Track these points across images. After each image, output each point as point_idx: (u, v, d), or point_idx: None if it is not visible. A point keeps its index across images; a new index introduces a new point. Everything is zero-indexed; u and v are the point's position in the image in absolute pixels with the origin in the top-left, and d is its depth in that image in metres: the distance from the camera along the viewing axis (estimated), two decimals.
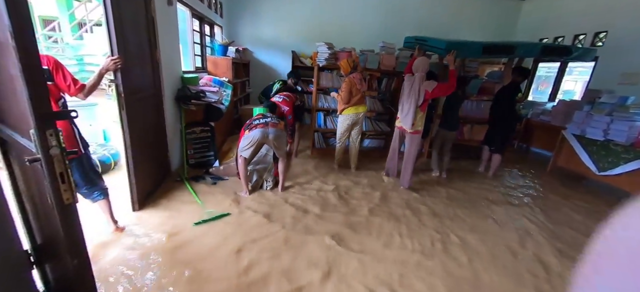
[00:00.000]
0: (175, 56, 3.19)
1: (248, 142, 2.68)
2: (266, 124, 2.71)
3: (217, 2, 4.85)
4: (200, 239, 2.11)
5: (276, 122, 2.77)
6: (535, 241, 2.44)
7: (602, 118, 3.58)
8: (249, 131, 2.70)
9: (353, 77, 3.30)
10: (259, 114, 2.92)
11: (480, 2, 6.19)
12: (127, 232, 2.12)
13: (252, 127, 2.70)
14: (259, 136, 2.64)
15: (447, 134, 3.59)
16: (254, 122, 2.75)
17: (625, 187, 3.36)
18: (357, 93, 3.31)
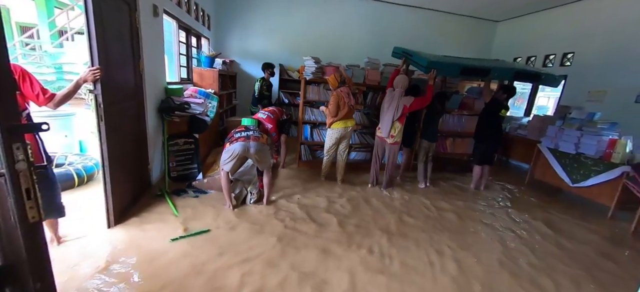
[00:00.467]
0: (159, 67, 3.15)
1: (229, 155, 2.62)
2: (247, 138, 2.65)
3: (204, 14, 4.86)
4: (178, 257, 2.01)
5: (258, 136, 2.72)
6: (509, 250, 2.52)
7: (572, 132, 3.79)
8: (229, 144, 2.65)
9: (340, 91, 3.35)
10: (241, 126, 2.87)
11: (460, 21, 6.53)
12: (99, 251, 2.00)
13: (232, 140, 2.66)
14: (239, 150, 2.59)
15: (428, 145, 3.81)
16: (235, 135, 2.70)
17: (596, 199, 3.53)
18: (344, 107, 3.35)
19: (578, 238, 2.86)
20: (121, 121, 2.38)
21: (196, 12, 4.41)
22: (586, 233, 3.00)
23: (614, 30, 4.44)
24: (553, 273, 2.23)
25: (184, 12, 3.89)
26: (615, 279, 2.24)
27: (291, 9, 5.86)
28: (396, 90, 3.32)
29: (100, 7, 1.96)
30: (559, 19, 5.33)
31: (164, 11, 3.21)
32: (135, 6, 2.50)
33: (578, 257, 2.50)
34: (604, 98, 4.51)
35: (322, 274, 1.99)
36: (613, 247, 2.75)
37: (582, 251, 2.61)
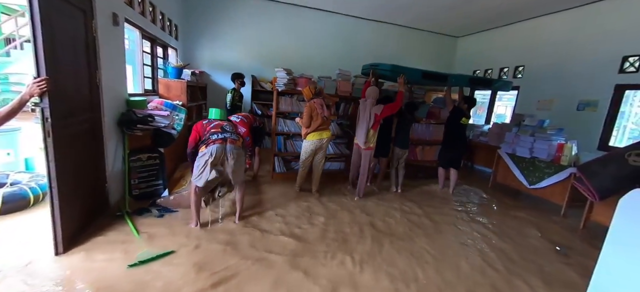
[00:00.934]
0: (120, 78, 2.96)
1: (203, 162, 2.35)
2: (225, 140, 2.47)
3: (172, 24, 4.70)
4: (135, 286, 1.82)
5: (235, 139, 2.57)
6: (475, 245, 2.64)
7: (527, 138, 4.12)
8: (205, 147, 2.41)
9: (314, 102, 3.37)
10: (216, 124, 2.61)
11: (424, 37, 6.95)
12: (43, 282, 1.78)
13: (209, 142, 2.42)
14: (216, 154, 2.37)
15: (401, 152, 4.00)
16: (211, 136, 2.46)
17: (550, 199, 3.84)
18: (317, 118, 3.37)
19: (534, 235, 3.08)
20: (73, 136, 2.18)
21: (162, 21, 4.25)
22: (541, 230, 3.23)
23: (557, 46, 4.97)
24: (511, 268, 2.37)
25: (149, 21, 3.73)
26: (565, 270, 2.42)
27: (261, 20, 5.87)
28: (368, 100, 3.52)
29: (49, 13, 1.81)
30: (510, 36, 5.86)
31: (126, 20, 3.05)
32: (92, 14, 2.35)
33: (533, 253, 2.68)
34: (552, 106, 4.99)
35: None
36: (565, 242, 2.99)
37: (536, 247, 2.81)
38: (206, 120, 2.71)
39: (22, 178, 2.92)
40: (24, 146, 3.56)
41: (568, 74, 4.76)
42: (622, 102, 4.19)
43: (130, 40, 4.11)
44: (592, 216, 3.28)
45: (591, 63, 4.43)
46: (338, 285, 2.01)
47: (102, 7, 2.51)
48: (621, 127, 4.74)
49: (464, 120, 3.97)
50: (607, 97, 4.22)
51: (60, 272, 1.88)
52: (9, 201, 2.55)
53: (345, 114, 4.43)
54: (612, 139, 4.33)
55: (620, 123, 4.45)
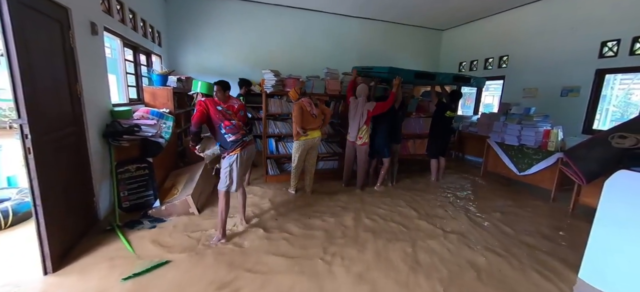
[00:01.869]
0: (102, 89, 2.87)
1: (229, 170, 2.41)
2: (246, 144, 2.48)
3: (154, 31, 4.60)
4: None
5: (251, 139, 2.59)
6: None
7: (514, 126, 4.20)
8: (239, 149, 2.40)
9: (302, 101, 3.37)
10: (235, 125, 2.45)
11: (410, 31, 7.00)
12: None
13: (244, 145, 2.45)
14: (244, 159, 2.46)
15: (394, 146, 4.07)
16: (244, 138, 2.46)
17: (540, 184, 3.93)
18: (308, 115, 3.37)
19: (526, 220, 3.14)
20: (57, 152, 2.11)
21: (144, 28, 4.15)
22: (532, 215, 3.30)
23: (538, 35, 5.08)
24: (505, 251, 2.41)
25: (129, 29, 3.64)
26: (557, 251, 2.48)
27: (245, 22, 5.79)
28: (359, 98, 3.63)
29: (22, 25, 1.74)
30: (493, 27, 5.96)
31: (105, 29, 2.97)
32: (69, 24, 2.27)
33: (526, 236, 2.74)
34: (537, 94, 5.10)
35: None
36: (556, 224, 3.07)
37: (529, 231, 2.87)
38: (213, 102, 2.46)
39: (9, 194, 2.83)
40: (5, 164, 3.43)
41: (551, 62, 4.87)
42: (603, 86, 4.32)
43: (111, 49, 4.00)
44: (580, 198, 3.37)
45: (572, 50, 4.54)
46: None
47: (79, 16, 2.43)
48: (604, 111, 4.89)
49: (448, 114, 4.12)
50: (588, 82, 4.34)
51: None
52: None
53: (336, 112, 4.42)
54: (596, 123, 4.46)
55: (603, 106, 4.59)
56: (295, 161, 3.54)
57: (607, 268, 2.03)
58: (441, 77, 4.15)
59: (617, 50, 4.03)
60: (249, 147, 2.54)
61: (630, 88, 5.33)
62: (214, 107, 2.41)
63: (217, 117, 2.41)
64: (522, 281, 2.11)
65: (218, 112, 2.41)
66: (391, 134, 3.99)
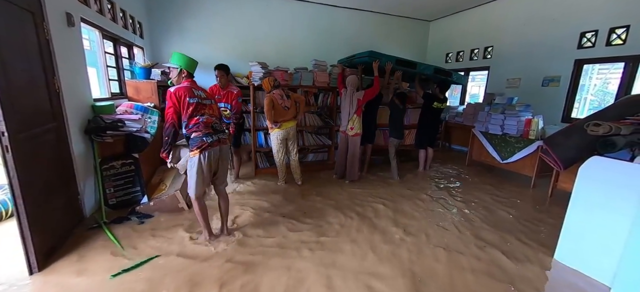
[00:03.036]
0: (82, 83, 2.77)
1: (196, 171, 2.13)
2: (219, 141, 2.23)
3: (134, 21, 4.43)
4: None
5: (227, 137, 2.37)
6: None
7: (498, 116, 4.33)
8: (198, 151, 2.11)
9: (273, 94, 3.41)
10: (206, 120, 2.18)
11: (398, 22, 7.01)
12: None
13: (203, 146, 2.11)
14: (211, 159, 2.18)
15: (397, 142, 4.12)
16: (205, 138, 2.13)
17: (521, 171, 4.09)
18: (279, 108, 3.40)
19: (507, 206, 3.28)
20: (36, 149, 2.04)
21: (124, 19, 3.99)
22: (513, 201, 3.45)
23: (520, 26, 5.19)
24: (486, 235, 2.52)
25: (109, 20, 3.49)
26: (536, 235, 2.61)
27: (232, 12, 5.64)
28: (349, 89, 3.68)
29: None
30: (478, 18, 6.04)
31: (82, 20, 2.84)
32: (42, 15, 2.17)
33: (507, 221, 2.87)
34: (519, 84, 5.25)
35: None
36: (535, 209, 3.22)
37: (509, 216, 3.00)
38: (185, 90, 2.13)
39: None
40: None
41: (533, 52, 5.00)
42: (581, 76, 4.48)
43: (90, 41, 3.84)
44: (558, 184, 3.53)
45: (552, 41, 4.67)
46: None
47: (54, 7, 2.32)
48: (582, 100, 5.09)
49: (436, 105, 4.20)
50: (568, 72, 4.49)
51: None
52: None
53: (324, 104, 4.43)
54: (575, 111, 4.64)
55: (581, 96, 4.77)
56: (275, 153, 3.60)
57: (581, 248, 2.16)
58: (422, 67, 4.17)
59: (595, 41, 4.18)
60: (215, 149, 2.21)
61: (607, 78, 5.55)
62: (186, 100, 2.10)
63: (187, 111, 2.12)
64: (501, 264, 2.22)
65: (190, 105, 2.11)
66: (393, 129, 4.10)
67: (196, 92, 2.18)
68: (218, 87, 3.47)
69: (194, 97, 2.15)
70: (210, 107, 2.27)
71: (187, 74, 2.23)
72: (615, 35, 3.97)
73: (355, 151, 3.80)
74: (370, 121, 4.04)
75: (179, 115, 2.13)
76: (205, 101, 2.22)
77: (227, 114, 3.47)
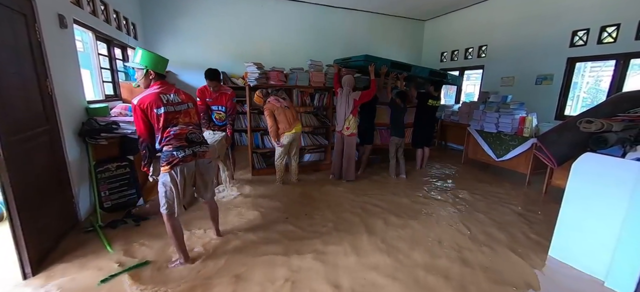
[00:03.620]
0: (75, 85, 2.74)
1: (168, 189, 1.85)
2: (194, 156, 1.94)
3: (128, 23, 4.40)
4: None
5: (206, 150, 2.06)
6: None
7: (492, 114, 4.37)
8: (168, 167, 1.83)
9: (269, 102, 3.44)
10: (179, 130, 1.87)
11: (393, 22, 7.04)
12: None
13: (173, 161, 1.83)
14: (185, 176, 1.90)
15: (398, 140, 4.11)
16: (175, 153, 1.84)
17: (516, 169, 4.13)
18: (281, 112, 3.39)
19: (502, 203, 3.31)
20: (30, 152, 2.02)
21: (118, 21, 3.96)
22: (508, 198, 3.48)
23: (513, 24, 5.24)
24: (480, 233, 2.55)
25: (102, 21, 3.46)
26: (530, 231, 2.64)
27: (227, 13, 5.63)
28: (345, 89, 3.69)
29: None
30: (473, 17, 6.09)
31: (75, 21, 2.81)
32: (34, 17, 2.14)
33: (502, 218, 2.90)
34: (513, 82, 5.30)
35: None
36: (530, 206, 3.25)
37: (504, 213, 3.03)
38: (151, 100, 1.79)
39: None
40: None
41: (526, 51, 5.05)
42: (574, 74, 4.54)
43: (83, 42, 3.81)
44: (552, 181, 3.57)
45: (545, 39, 4.73)
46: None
47: (46, 9, 2.29)
48: (575, 97, 5.16)
49: (430, 102, 4.25)
50: (560, 70, 4.55)
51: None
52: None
53: (320, 104, 4.43)
54: (568, 109, 4.70)
55: (574, 93, 4.83)
56: (278, 155, 3.62)
57: (575, 244, 2.19)
58: (417, 70, 4.23)
59: (586, 39, 4.23)
60: (190, 164, 1.91)
61: (599, 75, 5.63)
62: (153, 112, 1.80)
63: (158, 124, 1.83)
64: (496, 261, 2.24)
65: (159, 117, 1.81)
66: (394, 128, 4.11)
67: (166, 98, 1.84)
68: (208, 90, 3.34)
69: (163, 105, 1.81)
70: (186, 114, 1.93)
71: (155, 75, 1.88)
72: (606, 34, 4.03)
73: (352, 151, 3.82)
74: (368, 122, 4.11)
75: (151, 127, 1.85)
76: (179, 107, 1.88)
77: (222, 116, 3.42)
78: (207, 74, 3.22)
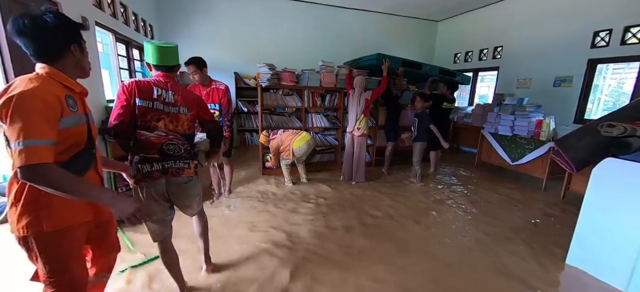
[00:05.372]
0: (96, 85, 2.85)
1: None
2: (166, 172, 1.50)
3: (146, 25, 4.54)
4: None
5: (183, 167, 1.54)
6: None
7: (508, 117, 4.26)
8: (133, 182, 1.49)
9: (276, 139, 3.63)
10: (156, 137, 1.45)
11: (405, 22, 6.98)
12: None
13: (137, 176, 1.46)
14: (155, 194, 1.51)
15: (423, 145, 4.00)
16: (140, 165, 1.45)
17: (532, 173, 4.01)
18: (286, 136, 3.59)
19: (517, 209, 3.22)
20: None
21: (136, 22, 4.10)
22: (524, 204, 3.38)
23: (531, 25, 5.10)
24: (495, 239, 2.48)
25: (121, 23, 3.59)
26: (546, 239, 2.56)
27: (239, 15, 5.73)
28: (357, 89, 3.71)
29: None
30: (488, 17, 5.97)
31: (96, 23, 2.93)
32: None
33: (517, 224, 2.81)
34: (530, 84, 5.15)
35: None
36: (547, 212, 3.15)
37: (521, 219, 2.95)
38: (140, 87, 1.44)
39: None
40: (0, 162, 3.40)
41: (544, 52, 4.90)
42: (595, 76, 4.37)
43: (103, 44, 3.95)
44: (571, 186, 3.45)
45: (564, 40, 4.58)
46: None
47: (70, 11, 2.40)
48: (596, 100, 4.96)
49: (445, 105, 4.20)
50: (581, 72, 4.39)
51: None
52: None
53: (332, 105, 4.44)
54: (588, 112, 4.53)
55: (595, 96, 4.65)
56: (288, 162, 3.72)
57: (594, 252, 2.10)
58: (428, 69, 4.22)
59: (609, 40, 4.07)
60: (158, 183, 1.49)
61: (622, 78, 5.40)
62: (134, 99, 1.42)
63: (142, 118, 1.44)
64: (511, 267, 2.18)
65: (138, 109, 1.42)
66: (418, 134, 3.98)
67: (157, 93, 1.46)
68: (198, 87, 2.78)
69: (148, 99, 1.43)
70: (174, 119, 1.51)
71: (155, 67, 1.51)
72: (630, 34, 3.87)
73: (362, 152, 3.82)
74: (393, 121, 4.19)
75: (131, 119, 1.43)
76: (167, 109, 1.48)
77: (216, 115, 2.81)
78: (189, 60, 2.61)
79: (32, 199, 1.00)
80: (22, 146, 0.87)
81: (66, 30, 1.05)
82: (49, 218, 1.02)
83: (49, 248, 1.06)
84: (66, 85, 1.06)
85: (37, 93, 0.92)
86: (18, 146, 0.87)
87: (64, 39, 1.05)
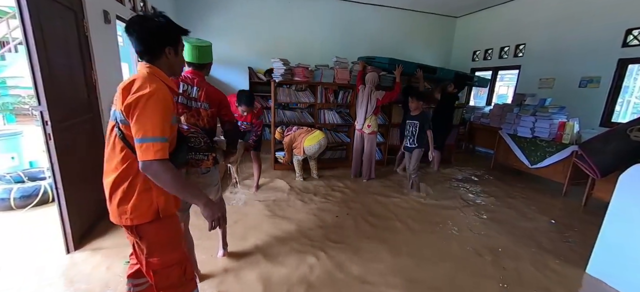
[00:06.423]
0: (116, 77, 2.94)
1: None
2: (186, 163, 1.55)
3: None
4: None
5: (201, 159, 1.59)
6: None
7: (528, 118, 4.09)
8: None
9: (289, 136, 3.70)
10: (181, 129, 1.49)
11: (423, 18, 6.79)
12: (55, 280, 1.84)
13: None
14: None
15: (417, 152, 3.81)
16: None
17: (552, 178, 3.84)
18: (299, 134, 3.63)
19: (536, 214, 3.10)
20: (75, 138, 2.20)
21: None
22: (543, 209, 3.25)
23: (557, 22, 4.85)
24: (513, 244, 2.40)
25: None
26: (565, 248, 2.45)
27: (254, 10, 5.74)
28: (367, 86, 3.60)
29: (38, 14, 1.79)
30: (510, 13, 5.72)
31: (117, 17, 3.01)
32: (83, 13, 2.32)
33: (536, 230, 2.71)
34: (553, 84, 4.92)
35: None
36: (567, 218, 3.02)
37: (539, 225, 2.84)
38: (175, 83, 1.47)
39: None
40: (27, 149, 3.60)
41: (569, 51, 4.66)
42: (625, 77, 4.11)
43: (123, 37, 4.07)
44: (593, 193, 3.28)
45: (593, 38, 4.33)
46: None
47: (93, 5, 2.48)
48: (624, 103, 4.69)
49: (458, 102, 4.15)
50: (609, 73, 4.14)
51: (75, 270, 1.96)
52: None
53: (345, 101, 4.40)
54: (615, 115, 4.28)
55: (624, 98, 4.39)
56: (296, 160, 3.76)
57: (617, 263, 2.00)
58: (442, 73, 4.10)
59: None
60: (180, 173, 1.42)
61: None
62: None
63: None
64: (528, 276, 2.11)
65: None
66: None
67: (183, 88, 1.57)
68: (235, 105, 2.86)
69: (176, 94, 1.53)
70: (196, 114, 1.61)
71: (188, 64, 1.63)
72: None
73: (372, 149, 3.78)
74: (444, 123, 4.09)
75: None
76: (190, 104, 1.59)
77: (246, 126, 3.00)
78: (240, 99, 2.76)
79: (146, 188, 1.12)
80: (151, 141, 0.98)
81: (164, 34, 1.11)
82: (163, 206, 1.14)
83: (164, 230, 1.19)
84: (168, 85, 1.13)
85: (161, 95, 1.01)
86: (146, 141, 0.98)
87: (160, 41, 1.11)
